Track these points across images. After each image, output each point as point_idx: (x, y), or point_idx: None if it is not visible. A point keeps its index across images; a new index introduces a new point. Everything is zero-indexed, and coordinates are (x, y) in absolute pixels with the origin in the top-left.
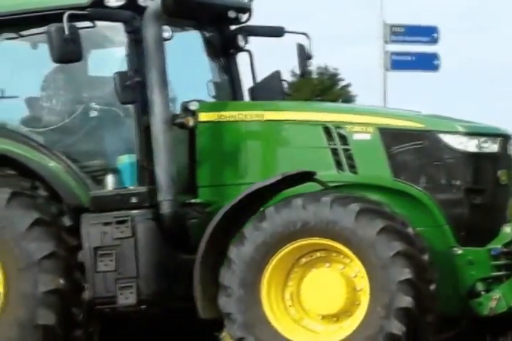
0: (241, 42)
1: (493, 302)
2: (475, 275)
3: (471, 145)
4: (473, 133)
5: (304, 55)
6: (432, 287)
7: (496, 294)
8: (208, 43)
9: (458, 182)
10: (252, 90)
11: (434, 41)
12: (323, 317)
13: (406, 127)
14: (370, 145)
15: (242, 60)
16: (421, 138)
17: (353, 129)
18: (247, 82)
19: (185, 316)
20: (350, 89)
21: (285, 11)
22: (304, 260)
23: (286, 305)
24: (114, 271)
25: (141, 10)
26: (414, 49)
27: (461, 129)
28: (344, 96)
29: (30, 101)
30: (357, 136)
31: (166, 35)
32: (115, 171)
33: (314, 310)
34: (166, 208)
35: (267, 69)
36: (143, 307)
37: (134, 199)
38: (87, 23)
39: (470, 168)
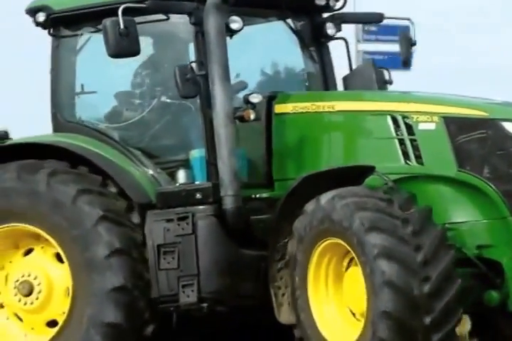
0: (332, 30)
1: None
2: None
3: None
4: None
5: (409, 42)
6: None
7: None
8: (296, 33)
9: None
10: (345, 79)
11: None
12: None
13: (470, 116)
14: (435, 135)
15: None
16: (484, 126)
17: (418, 119)
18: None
19: (253, 314)
20: None
21: None
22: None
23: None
24: (177, 268)
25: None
26: (387, 48)
27: None
28: None
29: (109, 96)
30: (422, 126)
31: (235, 26)
32: (187, 166)
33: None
34: (228, 204)
35: None
36: (204, 305)
37: (198, 195)
38: (161, 16)
39: None
